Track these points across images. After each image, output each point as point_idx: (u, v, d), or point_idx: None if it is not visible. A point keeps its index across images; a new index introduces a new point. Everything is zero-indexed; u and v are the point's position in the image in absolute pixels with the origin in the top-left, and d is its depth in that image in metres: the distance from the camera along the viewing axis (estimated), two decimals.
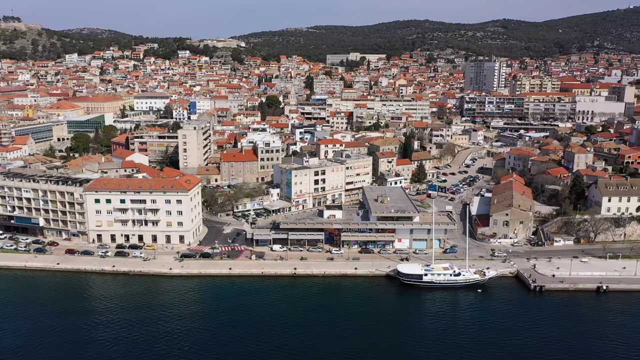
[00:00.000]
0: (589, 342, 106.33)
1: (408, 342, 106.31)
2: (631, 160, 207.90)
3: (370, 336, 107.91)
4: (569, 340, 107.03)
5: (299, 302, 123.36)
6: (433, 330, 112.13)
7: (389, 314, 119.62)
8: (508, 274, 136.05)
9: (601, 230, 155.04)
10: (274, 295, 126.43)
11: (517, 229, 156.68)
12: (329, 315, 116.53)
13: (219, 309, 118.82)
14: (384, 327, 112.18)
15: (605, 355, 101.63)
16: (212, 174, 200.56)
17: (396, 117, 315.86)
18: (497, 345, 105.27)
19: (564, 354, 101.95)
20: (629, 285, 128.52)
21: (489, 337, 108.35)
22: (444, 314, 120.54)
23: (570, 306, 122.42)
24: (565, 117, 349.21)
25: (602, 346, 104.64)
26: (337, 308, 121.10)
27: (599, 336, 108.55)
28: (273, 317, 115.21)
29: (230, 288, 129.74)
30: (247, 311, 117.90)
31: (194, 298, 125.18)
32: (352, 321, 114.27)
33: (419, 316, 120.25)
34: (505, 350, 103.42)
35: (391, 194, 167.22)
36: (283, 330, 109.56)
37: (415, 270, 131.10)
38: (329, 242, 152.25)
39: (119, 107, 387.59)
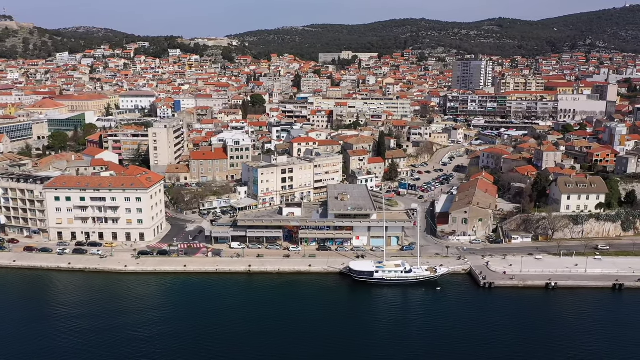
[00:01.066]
0: (529, 336, 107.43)
1: (354, 338, 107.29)
2: (600, 159, 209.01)
3: (319, 332, 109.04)
4: (510, 334, 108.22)
5: (250, 299, 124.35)
6: (379, 325, 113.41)
7: (338, 310, 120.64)
8: (461, 271, 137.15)
9: (559, 227, 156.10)
10: (226, 292, 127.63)
11: (475, 226, 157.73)
12: (279, 312, 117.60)
13: (166, 305, 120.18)
14: (333, 323, 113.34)
15: (544, 349, 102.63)
16: (182, 172, 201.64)
17: (376, 115, 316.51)
18: (438, 340, 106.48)
19: (504, 348, 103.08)
20: (577, 282, 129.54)
21: (431, 332, 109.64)
22: (392, 310, 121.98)
23: (516, 302, 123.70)
24: (547, 115, 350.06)
25: (539, 341, 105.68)
26: (288, 304, 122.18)
27: (538, 331, 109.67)
28: (220, 312, 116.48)
29: (183, 285, 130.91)
30: (194, 307, 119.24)
31: (146, 294, 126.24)
32: (301, 317, 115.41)
33: (368, 312, 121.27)
34: (445, 346, 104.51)
35: (354, 192, 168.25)
36: (229, 326, 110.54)
37: (367, 268, 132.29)
38: (289, 239, 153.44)
39: (103, 105, 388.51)
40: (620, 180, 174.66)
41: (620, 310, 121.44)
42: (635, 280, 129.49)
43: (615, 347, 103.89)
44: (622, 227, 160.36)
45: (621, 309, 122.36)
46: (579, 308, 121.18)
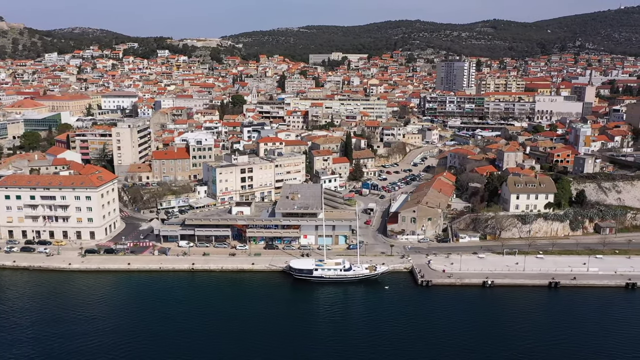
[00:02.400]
0: (458, 332, 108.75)
1: (290, 334, 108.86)
2: (560, 159, 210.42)
3: (256, 328, 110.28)
4: (439, 331, 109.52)
5: (189, 297, 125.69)
6: (314, 321, 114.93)
7: (276, 307, 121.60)
8: (402, 270, 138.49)
9: (505, 227, 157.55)
10: (166, 289, 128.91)
11: (424, 225, 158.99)
12: (217, 309, 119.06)
13: (104, 302, 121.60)
14: (271, 319, 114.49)
15: (471, 347, 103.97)
16: (144, 172, 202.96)
17: (351, 116, 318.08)
18: (370, 336, 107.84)
19: (432, 346, 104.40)
20: (514, 280, 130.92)
21: (364, 329, 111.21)
22: (328, 307, 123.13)
23: (450, 300, 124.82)
24: (524, 116, 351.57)
25: (467, 338, 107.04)
26: (227, 302, 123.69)
27: (467, 327, 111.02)
28: (156, 309, 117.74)
29: (124, 283, 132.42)
30: (132, 304, 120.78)
31: (86, 292, 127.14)
32: (239, 314, 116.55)
33: (305, 309, 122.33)
34: (376, 342, 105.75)
35: (307, 192, 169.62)
36: (163, 324, 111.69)
37: (306, 266, 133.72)
38: (238, 238, 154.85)
39: (84, 106, 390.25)
40: (572, 180, 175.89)
41: (554, 308, 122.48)
42: (571, 278, 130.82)
43: (546, 343, 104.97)
44: (570, 227, 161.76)
45: (555, 306, 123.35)
46: (513, 305, 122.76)
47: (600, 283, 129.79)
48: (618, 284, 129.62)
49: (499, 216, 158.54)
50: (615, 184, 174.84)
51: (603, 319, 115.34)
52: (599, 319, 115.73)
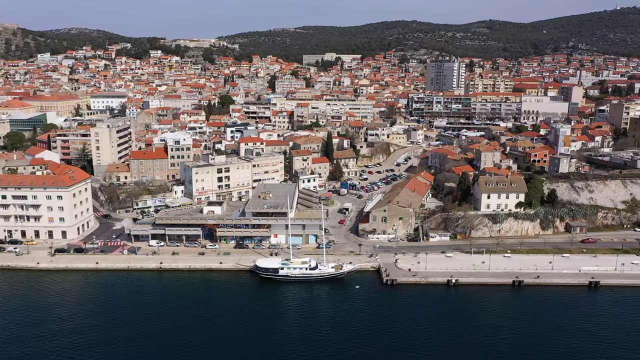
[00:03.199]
0: (413, 331, 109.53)
1: (253, 331, 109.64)
2: (537, 159, 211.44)
3: (218, 327, 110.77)
4: (399, 329, 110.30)
5: (156, 295, 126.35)
6: (278, 319, 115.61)
7: (239, 306, 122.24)
8: (369, 268, 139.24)
9: (475, 226, 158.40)
10: (133, 288, 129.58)
11: (395, 225, 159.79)
12: (182, 306, 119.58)
13: (69, 301, 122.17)
14: (233, 318, 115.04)
15: (417, 344, 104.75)
16: (122, 172, 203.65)
17: (336, 116, 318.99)
18: (329, 333, 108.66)
19: (389, 343, 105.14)
20: (478, 278, 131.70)
21: (323, 326, 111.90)
22: (289, 305, 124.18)
23: (412, 298, 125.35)
24: (510, 117, 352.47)
25: (426, 335, 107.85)
26: (191, 301, 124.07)
27: (424, 326, 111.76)
28: (121, 308, 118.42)
29: (93, 282, 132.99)
30: (98, 303, 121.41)
31: (52, 291, 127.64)
32: (202, 313, 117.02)
33: (269, 307, 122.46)
34: (335, 339, 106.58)
35: (280, 191, 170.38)
36: (127, 322, 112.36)
37: (272, 265, 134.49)
38: (209, 237, 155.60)
39: (73, 106, 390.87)
40: (545, 179, 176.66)
41: (516, 306, 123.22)
42: (534, 277, 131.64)
43: (504, 341, 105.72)
44: (540, 226, 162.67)
45: (517, 305, 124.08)
46: (475, 304, 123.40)
47: (563, 282, 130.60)
48: (581, 283, 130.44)
49: (469, 215, 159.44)
50: (588, 183, 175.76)
51: (563, 318, 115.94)
52: (559, 317, 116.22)
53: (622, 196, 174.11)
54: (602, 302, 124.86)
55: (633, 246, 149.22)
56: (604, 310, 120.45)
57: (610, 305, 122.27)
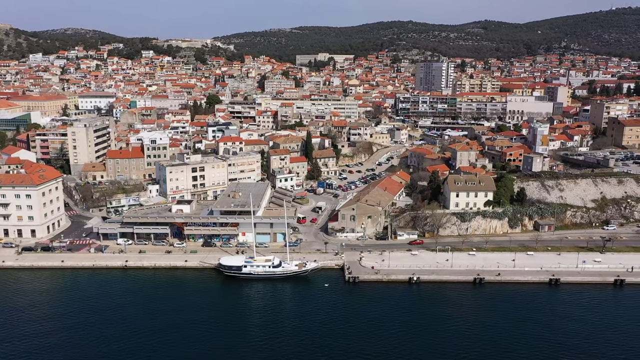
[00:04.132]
0: (368, 327, 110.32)
1: (211, 328, 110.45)
2: (512, 158, 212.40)
3: (179, 325, 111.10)
4: (351, 325, 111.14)
5: (117, 293, 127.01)
6: (236, 317, 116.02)
7: (201, 303, 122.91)
8: (334, 266, 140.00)
9: (443, 224, 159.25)
10: (96, 285, 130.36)
11: (364, 223, 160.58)
12: (144, 305, 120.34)
13: (29, 298, 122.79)
14: (194, 315, 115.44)
15: (371, 342, 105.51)
16: (98, 171, 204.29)
17: (320, 116, 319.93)
18: (283, 330, 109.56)
19: (343, 339, 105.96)
20: (440, 276, 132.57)
21: (278, 323, 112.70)
22: (249, 303, 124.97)
23: (373, 295, 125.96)
24: (495, 116, 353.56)
25: (376, 332, 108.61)
26: (153, 298, 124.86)
27: (380, 322, 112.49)
28: (81, 305, 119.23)
29: (59, 280, 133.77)
30: (60, 300, 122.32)
31: (13, 289, 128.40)
32: (164, 310, 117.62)
33: (228, 305, 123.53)
34: (285, 335, 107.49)
35: (251, 190, 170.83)
36: (86, 319, 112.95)
37: (236, 262, 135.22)
38: (178, 236, 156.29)
39: (60, 106, 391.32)
40: (516, 178, 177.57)
41: (476, 302, 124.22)
42: (495, 275, 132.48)
43: (466, 336, 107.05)
44: (509, 225, 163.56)
45: (477, 300, 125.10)
46: (434, 300, 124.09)
47: (523, 279, 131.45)
48: (541, 280, 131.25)
49: (437, 214, 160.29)
50: (558, 182, 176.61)
51: (521, 314, 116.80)
52: (518, 313, 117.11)
53: (593, 195, 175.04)
54: (561, 298, 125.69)
55: (598, 244, 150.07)
56: (562, 306, 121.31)
57: (569, 302, 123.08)
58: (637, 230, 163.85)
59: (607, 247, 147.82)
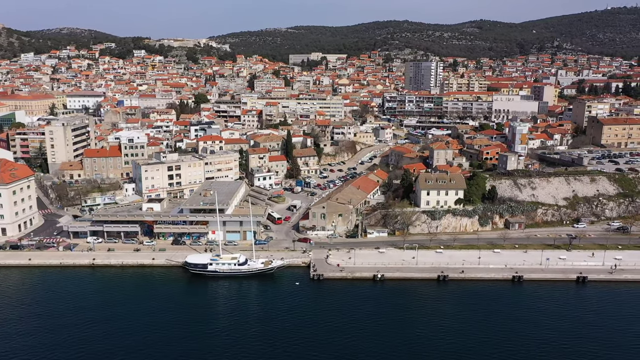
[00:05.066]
0: (325, 324, 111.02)
1: (174, 326, 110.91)
2: (489, 157, 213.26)
3: (141, 323, 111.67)
4: (308, 322, 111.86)
5: (84, 292, 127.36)
6: (196, 315, 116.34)
7: (166, 300, 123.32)
8: (301, 264, 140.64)
9: (413, 222, 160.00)
10: (62, 283, 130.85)
11: (335, 221, 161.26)
12: (107, 303, 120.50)
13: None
14: (158, 313, 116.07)
15: (326, 339, 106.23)
16: (76, 169, 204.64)
17: (304, 115, 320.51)
18: (244, 326, 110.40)
19: (297, 337, 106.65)
20: (404, 273, 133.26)
21: (239, 320, 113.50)
22: (211, 301, 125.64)
23: (336, 292, 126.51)
24: (481, 115, 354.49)
25: (337, 328, 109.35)
26: (118, 296, 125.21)
27: (335, 318, 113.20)
28: (45, 303, 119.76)
29: (26, 278, 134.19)
30: (22, 297, 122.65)
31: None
32: (129, 308, 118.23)
33: (191, 303, 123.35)
34: (245, 332, 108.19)
35: (224, 189, 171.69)
36: (50, 317, 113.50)
37: (201, 260, 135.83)
38: (149, 234, 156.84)
39: (48, 105, 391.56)
40: (488, 177, 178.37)
41: (438, 298, 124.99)
42: (459, 272, 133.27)
43: (426, 331, 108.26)
44: (479, 222, 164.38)
45: (439, 296, 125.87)
46: (395, 298, 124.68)
47: (487, 276, 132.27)
48: (505, 277, 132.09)
49: (407, 212, 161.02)
50: (531, 180, 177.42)
51: (483, 310, 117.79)
52: (480, 310, 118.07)
53: (564, 193, 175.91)
54: (523, 294, 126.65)
55: (565, 242, 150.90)
56: (523, 301, 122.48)
57: (529, 298, 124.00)
58: (607, 228, 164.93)
59: (574, 245, 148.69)
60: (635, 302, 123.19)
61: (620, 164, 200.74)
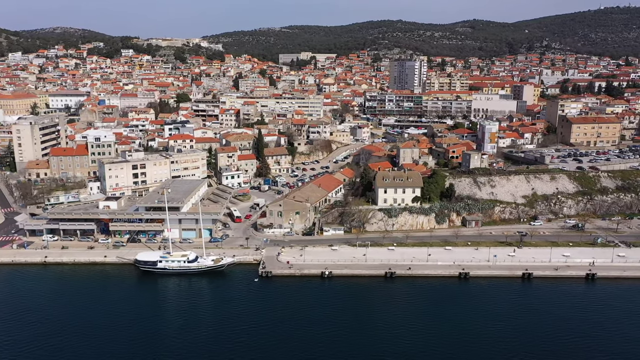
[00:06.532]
0: (263, 321, 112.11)
1: (117, 324, 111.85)
2: (456, 155, 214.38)
3: (87, 321, 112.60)
4: (249, 318, 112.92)
5: (31, 290, 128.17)
6: (142, 312, 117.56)
7: (114, 297, 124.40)
8: (252, 261, 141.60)
9: (369, 220, 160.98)
10: (14, 282, 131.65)
11: (292, 219, 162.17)
12: (54, 300, 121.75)
13: None
14: (103, 310, 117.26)
15: (264, 335, 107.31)
16: (42, 168, 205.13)
17: (282, 114, 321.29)
18: (181, 325, 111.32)
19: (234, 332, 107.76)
20: (352, 270, 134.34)
21: (176, 318, 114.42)
22: (167, 297, 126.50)
23: (283, 289, 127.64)
24: (460, 115, 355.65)
25: (272, 325, 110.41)
26: (66, 294, 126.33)
27: (275, 314, 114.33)
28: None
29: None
30: None
31: None
32: (76, 306, 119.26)
33: (136, 300, 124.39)
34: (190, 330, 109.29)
35: (183, 187, 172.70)
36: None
37: (151, 258, 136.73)
38: (106, 232, 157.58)
39: (30, 104, 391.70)
40: (448, 175, 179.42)
41: (383, 296, 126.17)
42: (406, 269, 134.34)
43: (382, 330, 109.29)
44: (435, 220, 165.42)
45: (387, 294, 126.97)
46: (340, 295, 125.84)
47: (434, 273, 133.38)
48: (451, 274, 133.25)
49: (363, 210, 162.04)
50: (491, 178, 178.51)
51: (427, 305, 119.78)
52: (424, 304, 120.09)
53: (524, 191, 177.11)
54: (469, 290, 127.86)
55: (517, 239, 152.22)
56: (467, 297, 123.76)
57: (475, 294, 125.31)
58: (563, 226, 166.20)
59: (525, 242, 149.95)
60: (578, 297, 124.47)
61: (584, 162, 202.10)
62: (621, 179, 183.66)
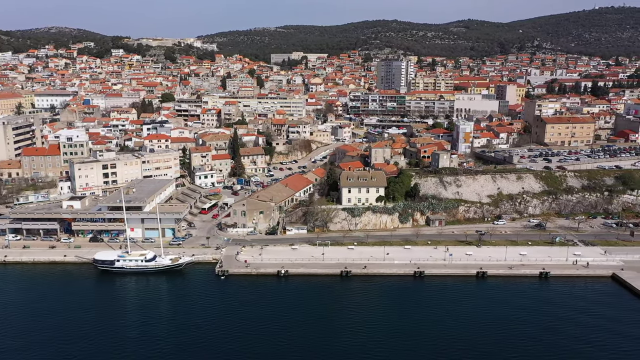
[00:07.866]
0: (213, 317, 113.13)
1: (71, 321, 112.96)
2: (427, 155, 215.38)
3: (41, 320, 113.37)
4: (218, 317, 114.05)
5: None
6: (98, 310, 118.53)
7: (71, 296, 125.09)
8: (211, 260, 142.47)
9: (332, 219, 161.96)
10: None
11: (256, 218, 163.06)
12: (12, 301, 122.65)
13: None
14: (58, 309, 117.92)
15: (207, 333, 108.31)
16: (14, 168, 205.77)
17: (262, 114, 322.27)
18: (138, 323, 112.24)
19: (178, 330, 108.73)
20: (309, 269, 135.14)
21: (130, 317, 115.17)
22: (119, 296, 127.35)
23: (239, 288, 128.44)
24: (442, 114, 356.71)
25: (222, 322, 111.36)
26: (21, 293, 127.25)
27: (227, 313, 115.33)
28: None
29: None
30: None
31: None
32: (35, 306, 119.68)
33: (91, 300, 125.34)
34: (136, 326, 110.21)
35: (148, 187, 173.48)
36: None
37: (109, 257, 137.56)
38: (70, 232, 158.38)
39: (15, 104, 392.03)
40: (414, 174, 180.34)
41: (338, 293, 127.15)
42: (362, 267, 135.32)
43: (320, 328, 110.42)
44: (399, 219, 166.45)
45: (344, 292, 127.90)
46: (298, 292, 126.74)
47: (389, 272, 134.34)
48: (407, 273, 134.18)
49: (326, 209, 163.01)
50: (457, 178, 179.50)
51: (380, 303, 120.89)
52: (378, 302, 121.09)
53: (489, 190, 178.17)
54: (422, 288, 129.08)
55: (476, 238, 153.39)
56: (420, 295, 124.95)
57: (428, 291, 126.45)
58: (526, 225, 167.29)
59: (485, 241, 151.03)
60: (529, 294, 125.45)
61: (553, 162, 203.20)
62: (587, 178, 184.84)
